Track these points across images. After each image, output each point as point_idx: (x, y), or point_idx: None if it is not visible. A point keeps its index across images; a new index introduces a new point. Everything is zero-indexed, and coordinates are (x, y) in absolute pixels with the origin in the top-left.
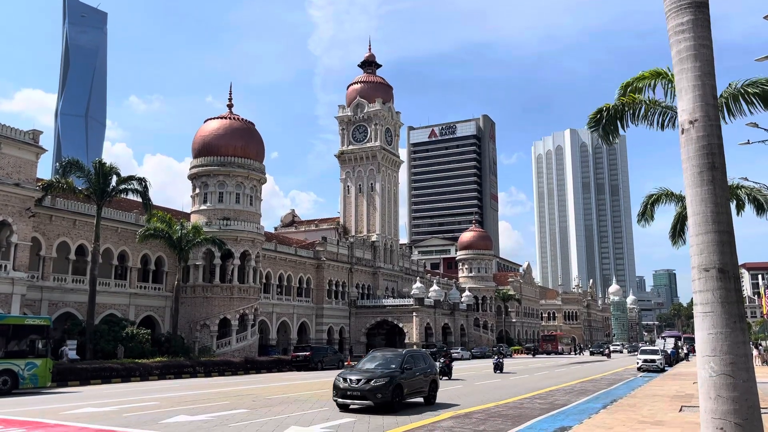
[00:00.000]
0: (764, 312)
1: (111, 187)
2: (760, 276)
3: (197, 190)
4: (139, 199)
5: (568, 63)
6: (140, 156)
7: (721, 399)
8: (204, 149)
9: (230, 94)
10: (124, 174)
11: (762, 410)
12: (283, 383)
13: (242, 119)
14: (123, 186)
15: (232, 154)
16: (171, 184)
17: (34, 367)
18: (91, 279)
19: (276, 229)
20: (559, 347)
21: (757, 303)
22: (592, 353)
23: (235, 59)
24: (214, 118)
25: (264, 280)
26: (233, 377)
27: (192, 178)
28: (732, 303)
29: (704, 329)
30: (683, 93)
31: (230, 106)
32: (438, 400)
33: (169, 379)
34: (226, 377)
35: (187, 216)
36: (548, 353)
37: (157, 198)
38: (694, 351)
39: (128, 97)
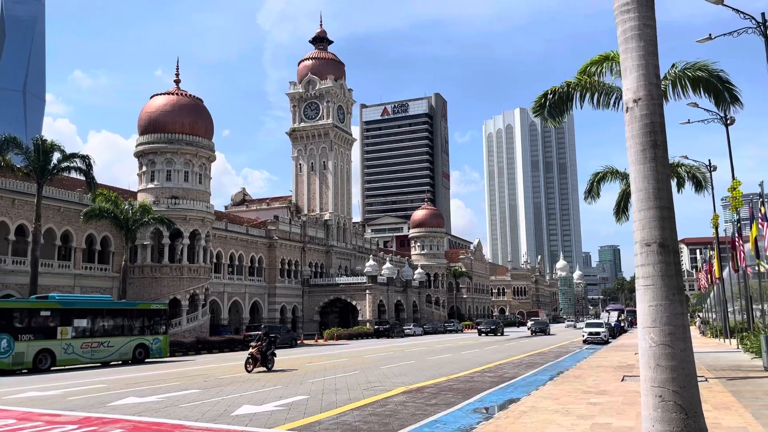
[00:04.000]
0: (701, 285)
1: (52, 164)
2: (698, 251)
3: (144, 168)
4: (83, 178)
5: (519, 42)
6: (84, 133)
7: (660, 368)
8: (150, 126)
9: (177, 69)
10: (67, 151)
11: (698, 378)
12: (235, 363)
13: (190, 95)
14: (65, 164)
15: (179, 131)
16: (117, 162)
17: (159, 342)
18: (32, 260)
19: (227, 207)
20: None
21: (695, 277)
22: (480, 332)
23: (183, 32)
24: (160, 94)
25: (215, 260)
26: (184, 357)
27: (138, 155)
28: (672, 276)
29: (645, 302)
30: (628, 72)
31: (177, 81)
32: (400, 371)
33: None
34: (176, 358)
35: (134, 195)
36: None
37: (102, 176)
38: (635, 323)
39: (72, 72)
